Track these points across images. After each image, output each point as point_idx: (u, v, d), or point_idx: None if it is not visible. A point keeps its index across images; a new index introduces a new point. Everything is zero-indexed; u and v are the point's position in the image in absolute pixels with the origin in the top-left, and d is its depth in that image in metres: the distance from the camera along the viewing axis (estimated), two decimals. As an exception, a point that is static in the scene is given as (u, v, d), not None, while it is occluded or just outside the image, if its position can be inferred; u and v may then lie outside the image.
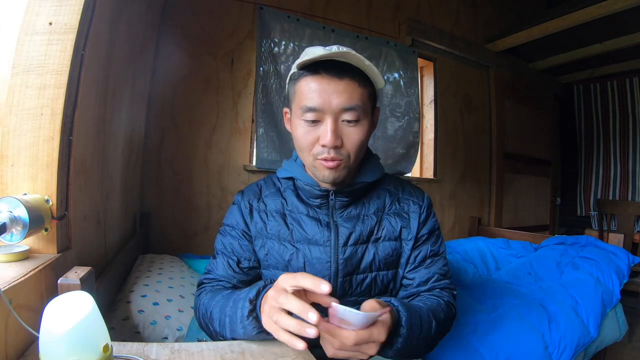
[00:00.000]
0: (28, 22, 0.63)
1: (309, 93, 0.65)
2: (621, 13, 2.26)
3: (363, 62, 0.64)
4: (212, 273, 0.77)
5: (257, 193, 0.81)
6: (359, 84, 0.66)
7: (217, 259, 0.78)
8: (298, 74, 0.68)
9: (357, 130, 0.67)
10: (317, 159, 0.68)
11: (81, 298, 0.42)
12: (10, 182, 0.63)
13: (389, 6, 2.48)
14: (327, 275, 0.73)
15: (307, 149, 0.69)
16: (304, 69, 0.67)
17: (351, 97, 0.65)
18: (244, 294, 0.61)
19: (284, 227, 0.76)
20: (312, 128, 0.67)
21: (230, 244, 0.78)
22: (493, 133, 3.06)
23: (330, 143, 0.65)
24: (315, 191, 0.74)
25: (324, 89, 0.64)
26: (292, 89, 0.70)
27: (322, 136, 0.66)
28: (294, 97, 0.70)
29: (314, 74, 0.65)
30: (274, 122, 1.96)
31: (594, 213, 3.55)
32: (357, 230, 0.74)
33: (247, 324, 0.57)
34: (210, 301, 0.68)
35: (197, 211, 1.84)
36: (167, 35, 1.76)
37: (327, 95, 0.64)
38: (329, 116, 0.65)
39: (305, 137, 0.68)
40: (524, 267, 1.81)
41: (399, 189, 0.82)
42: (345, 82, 0.65)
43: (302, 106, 0.66)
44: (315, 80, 0.65)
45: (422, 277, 0.76)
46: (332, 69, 0.65)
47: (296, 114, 0.69)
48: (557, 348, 1.18)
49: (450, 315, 0.73)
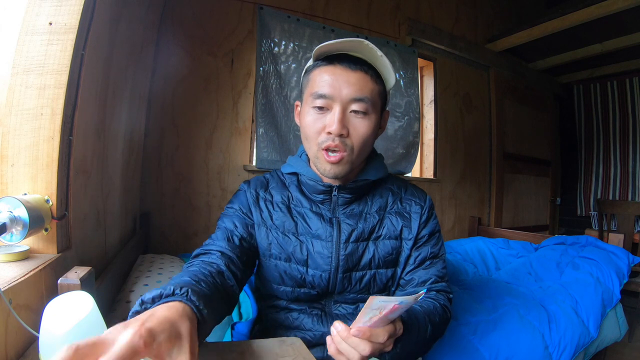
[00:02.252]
0: (28, 22, 0.63)
1: (321, 81, 0.67)
2: (621, 13, 2.26)
3: (375, 53, 0.66)
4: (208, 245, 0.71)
5: (264, 183, 0.82)
6: (370, 78, 0.68)
7: (217, 232, 0.74)
8: (313, 65, 0.70)
9: (364, 123, 0.68)
10: (321, 148, 0.69)
11: (81, 298, 0.42)
12: (10, 182, 0.63)
13: (389, 6, 2.48)
14: (327, 270, 0.73)
15: (313, 137, 0.70)
16: (319, 60, 0.69)
17: (361, 89, 0.67)
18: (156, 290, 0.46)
19: (289, 219, 0.76)
20: (320, 116, 0.68)
21: (231, 220, 0.75)
22: (493, 133, 3.06)
23: (336, 130, 0.66)
24: (319, 186, 0.75)
25: (336, 78, 0.66)
26: (306, 79, 0.72)
27: (328, 124, 0.67)
28: (307, 87, 0.71)
29: (328, 64, 0.68)
30: (274, 122, 1.96)
31: (594, 213, 3.55)
32: (359, 228, 0.75)
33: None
34: None
35: (197, 211, 1.84)
36: (167, 35, 1.76)
37: (339, 84, 0.66)
38: (338, 105, 0.66)
39: (312, 125, 0.69)
40: (524, 267, 1.81)
41: (402, 189, 0.83)
42: (358, 74, 0.67)
43: (313, 93, 0.68)
44: (329, 70, 0.67)
45: (420, 278, 0.76)
46: (345, 61, 0.67)
47: (307, 102, 0.70)
48: (557, 348, 1.18)
49: (445, 319, 0.73)
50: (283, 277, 0.75)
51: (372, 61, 0.68)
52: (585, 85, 3.73)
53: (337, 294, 0.75)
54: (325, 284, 0.73)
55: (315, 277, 0.73)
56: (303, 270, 0.74)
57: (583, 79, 3.68)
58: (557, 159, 3.89)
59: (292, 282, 0.74)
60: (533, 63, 3.36)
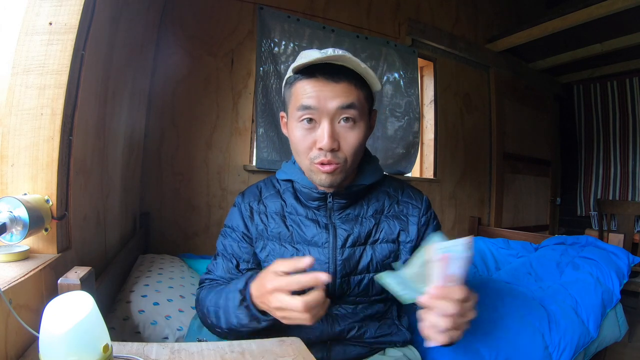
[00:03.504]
0: (28, 22, 0.63)
1: (305, 95, 0.65)
2: (621, 13, 2.26)
3: (359, 65, 0.64)
4: (212, 273, 0.79)
5: (257, 195, 0.82)
6: (355, 86, 0.66)
7: (217, 259, 0.80)
8: (294, 77, 0.68)
9: (354, 133, 0.67)
10: (314, 162, 0.68)
11: (81, 298, 0.42)
12: (10, 182, 0.63)
13: (389, 6, 2.48)
14: None
15: (304, 153, 0.69)
16: (300, 72, 0.67)
17: (348, 98, 0.65)
18: (233, 286, 0.64)
19: (284, 228, 0.76)
20: (309, 131, 0.67)
21: (230, 245, 0.79)
22: (493, 133, 3.06)
23: (327, 146, 0.65)
24: (314, 194, 0.74)
25: (320, 90, 0.65)
26: (288, 92, 0.70)
27: (318, 139, 0.66)
28: (290, 100, 0.70)
29: (309, 77, 0.65)
30: (274, 122, 1.96)
31: (594, 213, 3.55)
32: (355, 232, 0.75)
33: (238, 313, 0.60)
34: (206, 296, 0.71)
35: (197, 211, 1.84)
36: (167, 35, 1.76)
37: (323, 96, 0.64)
38: (325, 118, 0.65)
39: (302, 141, 0.68)
40: (524, 267, 1.81)
41: (398, 191, 0.82)
42: (342, 85, 0.65)
43: (298, 106, 0.66)
44: (311, 83, 0.65)
45: None
46: (328, 72, 0.64)
47: (293, 116, 0.69)
48: (557, 348, 1.18)
49: None
50: None
51: (356, 69, 0.65)
52: (585, 85, 3.73)
53: (336, 297, 0.75)
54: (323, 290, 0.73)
55: None
56: None
57: (583, 79, 3.69)
58: (557, 159, 3.89)
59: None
60: (533, 63, 3.36)
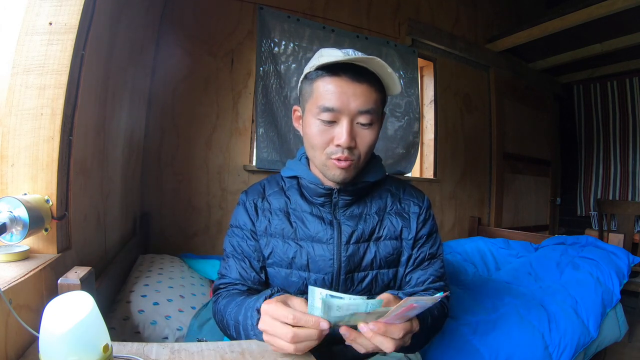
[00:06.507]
0: (28, 22, 0.63)
1: (327, 94, 0.67)
2: (621, 13, 2.26)
3: (386, 70, 0.65)
4: (226, 277, 0.78)
5: (260, 192, 0.82)
6: (375, 89, 0.68)
7: (229, 262, 0.79)
8: (316, 73, 0.69)
9: (370, 133, 0.70)
10: (330, 158, 0.70)
11: (81, 298, 0.42)
12: (10, 182, 0.63)
13: (389, 6, 2.48)
14: (329, 273, 0.74)
15: (320, 148, 0.70)
16: (323, 69, 0.68)
17: (367, 101, 0.67)
18: (252, 302, 0.63)
19: (288, 225, 0.77)
20: (327, 128, 0.68)
21: (239, 245, 0.79)
22: (493, 133, 3.06)
23: (346, 144, 0.67)
24: (319, 189, 0.75)
25: (342, 91, 0.66)
26: (308, 87, 0.71)
27: (337, 137, 0.68)
28: (310, 96, 0.70)
29: (332, 75, 0.67)
30: (274, 122, 1.96)
31: (594, 213, 3.55)
32: (359, 229, 0.75)
33: (257, 332, 0.59)
34: (225, 308, 0.70)
35: (197, 211, 1.84)
36: (167, 35, 1.76)
37: (346, 97, 0.66)
38: (346, 117, 0.67)
39: (319, 137, 0.69)
40: (524, 267, 1.81)
41: (400, 189, 0.83)
42: (363, 86, 0.66)
43: (319, 105, 0.67)
44: (334, 82, 0.66)
45: (419, 278, 0.78)
46: (350, 72, 0.66)
47: (311, 113, 0.70)
48: (557, 348, 1.18)
49: (442, 314, 0.74)
50: (285, 284, 0.76)
51: (380, 72, 0.67)
52: (585, 85, 3.73)
53: None
54: (328, 287, 0.74)
55: (318, 280, 0.74)
56: (305, 276, 0.75)
57: (583, 79, 3.68)
58: (557, 159, 3.89)
59: (294, 288, 0.75)
60: (533, 63, 3.36)
